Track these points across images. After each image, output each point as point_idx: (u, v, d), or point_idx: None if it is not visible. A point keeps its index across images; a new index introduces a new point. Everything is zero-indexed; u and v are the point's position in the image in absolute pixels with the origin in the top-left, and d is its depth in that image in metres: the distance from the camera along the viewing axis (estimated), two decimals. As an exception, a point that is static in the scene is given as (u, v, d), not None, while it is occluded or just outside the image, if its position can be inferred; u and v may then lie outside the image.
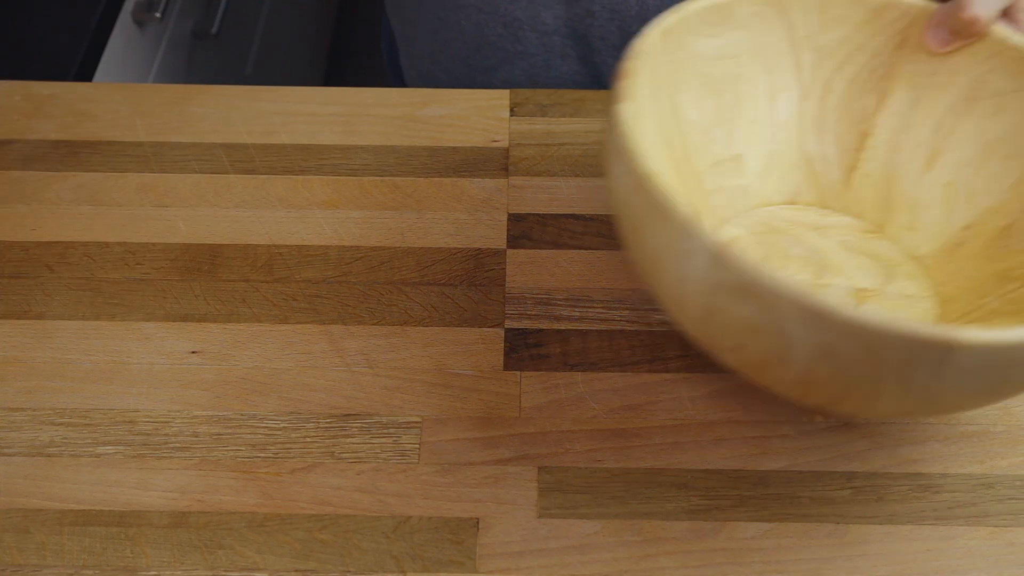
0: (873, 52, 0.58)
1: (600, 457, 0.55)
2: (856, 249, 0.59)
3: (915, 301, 0.56)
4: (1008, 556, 0.52)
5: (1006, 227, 0.55)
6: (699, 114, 0.59)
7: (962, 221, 0.57)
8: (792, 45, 0.59)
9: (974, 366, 0.42)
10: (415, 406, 0.58)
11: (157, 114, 0.73)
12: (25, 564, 0.51)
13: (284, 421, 0.57)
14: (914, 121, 0.59)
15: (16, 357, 0.60)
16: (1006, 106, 0.55)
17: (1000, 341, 0.41)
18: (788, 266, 0.58)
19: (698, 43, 0.57)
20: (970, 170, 0.57)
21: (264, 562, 0.52)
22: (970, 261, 0.56)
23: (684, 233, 0.44)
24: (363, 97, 0.74)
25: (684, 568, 0.52)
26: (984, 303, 0.54)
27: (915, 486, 0.54)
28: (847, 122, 0.60)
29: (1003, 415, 0.57)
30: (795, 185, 0.61)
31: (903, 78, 0.58)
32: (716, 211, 0.60)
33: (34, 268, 0.64)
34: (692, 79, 0.58)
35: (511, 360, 0.60)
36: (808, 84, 0.60)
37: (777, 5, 0.58)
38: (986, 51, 0.55)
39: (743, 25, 0.58)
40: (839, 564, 0.52)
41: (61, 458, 0.55)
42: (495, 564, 0.52)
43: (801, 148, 0.61)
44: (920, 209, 0.59)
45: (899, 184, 0.59)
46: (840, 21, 0.58)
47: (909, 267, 0.58)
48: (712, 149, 0.60)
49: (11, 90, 0.75)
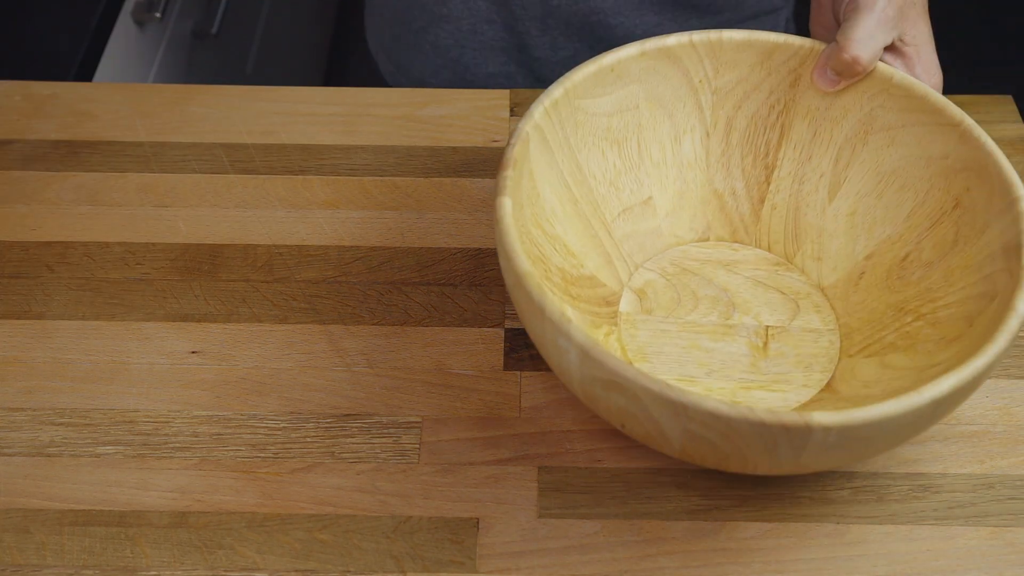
0: (770, 90, 0.60)
1: (600, 457, 0.55)
2: (765, 284, 0.61)
3: (820, 335, 0.59)
4: (1008, 556, 0.52)
5: (904, 257, 0.57)
6: (604, 167, 0.61)
7: (864, 251, 0.59)
8: (690, 88, 0.61)
9: (833, 441, 0.44)
10: (415, 406, 0.58)
11: (157, 114, 0.73)
12: (25, 564, 0.51)
13: (284, 421, 0.57)
14: (815, 152, 0.61)
15: (16, 357, 0.60)
16: (897, 139, 0.57)
17: (849, 422, 0.43)
18: (698, 307, 0.60)
19: (592, 104, 0.59)
20: (870, 200, 0.59)
21: (264, 562, 0.52)
22: (871, 292, 0.58)
23: (557, 331, 0.47)
24: (363, 97, 0.74)
25: (684, 568, 0.52)
26: (882, 336, 0.56)
27: (915, 486, 0.54)
28: (752, 156, 0.62)
29: (1003, 415, 0.57)
30: (706, 221, 0.63)
31: (801, 112, 0.60)
32: (629, 257, 0.62)
33: (34, 268, 0.64)
34: (592, 136, 0.60)
35: (511, 360, 0.60)
36: (710, 123, 0.62)
37: (667, 57, 0.59)
38: (873, 88, 0.57)
39: (637, 79, 0.60)
40: (839, 564, 0.52)
41: (61, 458, 0.55)
42: (495, 564, 0.52)
43: (711, 184, 0.63)
44: (826, 239, 0.61)
45: (805, 215, 0.62)
46: (733, 65, 0.60)
47: (816, 299, 0.60)
48: (621, 197, 0.62)
49: (11, 90, 0.75)
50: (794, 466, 0.48)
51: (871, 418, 0.43)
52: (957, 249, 0.54)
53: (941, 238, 0.55)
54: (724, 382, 0.57)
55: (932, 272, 0.55)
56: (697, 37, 0.59)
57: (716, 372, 0.57)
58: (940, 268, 0.55)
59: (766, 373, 0.57)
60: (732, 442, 0.45)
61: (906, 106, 0.56)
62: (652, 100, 0.61)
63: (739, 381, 0.57)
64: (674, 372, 0.57)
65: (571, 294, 0.58)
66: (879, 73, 0.57)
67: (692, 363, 0.58)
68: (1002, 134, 0.71)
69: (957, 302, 0.53)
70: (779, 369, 0.57)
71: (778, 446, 0.45)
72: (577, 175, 0.60)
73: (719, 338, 0.59)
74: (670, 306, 0.60)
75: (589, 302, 0.59)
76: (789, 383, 0.57)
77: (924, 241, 0.56)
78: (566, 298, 0.57)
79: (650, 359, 0.58)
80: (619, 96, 0.60)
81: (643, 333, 0.59)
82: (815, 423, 0.43)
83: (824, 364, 0.57)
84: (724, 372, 0.57)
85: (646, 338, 0.59)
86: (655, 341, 0.59)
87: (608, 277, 0.61)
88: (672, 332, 0.59)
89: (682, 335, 0.59)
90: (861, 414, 0.43)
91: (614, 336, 0.59)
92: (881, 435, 0.45)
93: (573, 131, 0.59)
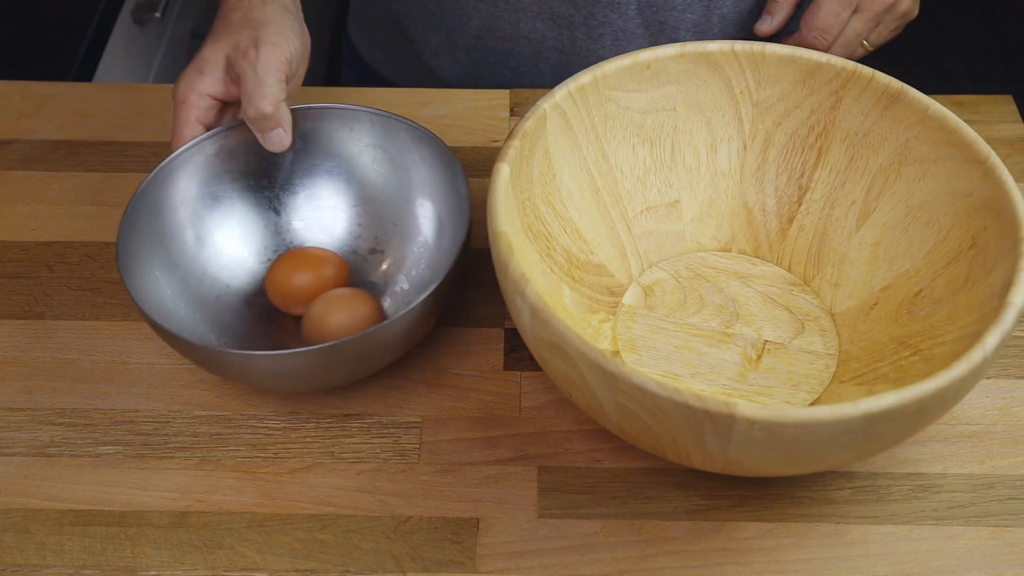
0: (811, 109, 0.60)
1: (600, 457, 0.55)
2: (776, 301, 0.61)
3: (817, 358, 0.58)
4: (1008, 556, 0.52)
5: (917, 292, 0.56)
6: (633, 162, 0.61)
7: (882, 282, 0.58)
8: (731, 98, 0.60)
9: (759, 436, 0.44)
10: (415, 406, 0.58)
11: (157, 114, 0.73)
12: (25, 564, 0.51)
13: (284, 421, 0.57)
14: (849, 178, 0.60)
15: (16, 357, 0.60)
16: (929, 173, 0.57)
17: (775, 418, 0.43)
18: (702, 312, 0.60)
19: (625, 97, 0.59)
20: (896, 232, 0.58)
21: (264, 562, 0.52)
22: (879, 323, 0.57)
23: (515, 289, 0.48)
24: (363, 97, 0.74)
25: (684, 568, 0.52)
26: (878, 367, 0.55)
27: (915, 486, 0.54)
28: (787, 175, 0.62)
29: (1003, 415, 0.57)
30: (732, 233, 0.63)
31: (839, 136, 0.60)
32: (644, 254, 0.62)
33: (34, 268, 0.64)
34: (623, 130, 0.60)
35: (511, 360, 0.60)
36: (749, 135, 0.62)
37: (708, 63, 0.59)
38: (911, 117, 0.57)
39: (675, 80, 0.59)
40: (839, 564, 0.52)
41: (61, 458, 0.55)
42: (495, 564, 0.52)
43: (742, 197, 0.63)
44: (847, 266, 0.60)
45: (831, 240, 0.61)
46: (775, 79, 0.59)
47: (823, 323, 0.59)
48: (647, 195, 0.62)
49: (11, 90, 0.75)
50: (724, 460, 0.47)
51: (798, 419, 0.43)
52: (966, 288, 0.53)
53: (954, 276, 0.54)
54: (706, 385, 0.56)
55: (939, 310, 0.54)
56: (739, 46, 0.58)
57: (701, 375, 0.57)
58: (947, 306, 0.54)
59: (751, 384, 0.57)
60: (661, 422, 0.45)
61: (939, 139, 0.55)
62: (690, 104, 0.60)
63: (722, 387, 0.56)
64: (659, 367, 0.57)
65: (573, 276, 0.58)
66: (915, 103, 0.56)
67: (680, 362, 0.58)
68: (1002, 134, 0.71)
69: (952, 340, 0.52)
70: (766, 383, 0.57)
71: (703, 432, 0.45)
72: (603, 165, 0.60)
73: (714, 344, 0.58)
74: (674, 306, 0.60)
75: (592, 288, 0.59)
76: (772, 397, 0.56)
77: (938, 278, 0.55)
78: (566, 279, 0.57)
79: (639, 351, 0.58)
80: (656, 95, 0.60)
81: (639, 327, 0.59)
82: (739, 413, 0.43)
83: (813, 385, 0.56)
84: (709, 376, 0.57)
85: (641, 332, 0.59)
86: (649, 336, 0.59)
87: (618, 269, 0.61)
88: (668, 330, 0.59)
89: (678, 335, 0.59)
90: (789, 412, 0.43)
91: (609, 324, 0.59)
92: (811, 439, 0.44)
93: (602, 121, 0.59)
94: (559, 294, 0.56)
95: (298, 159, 0.62)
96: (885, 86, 0.57)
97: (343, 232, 0.63)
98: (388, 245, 0.62)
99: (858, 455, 0.49)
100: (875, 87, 0.57)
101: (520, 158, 0.54)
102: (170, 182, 0.58)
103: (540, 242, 0.56)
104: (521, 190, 0.55)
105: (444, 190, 0.60)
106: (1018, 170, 0.69)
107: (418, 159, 0.61)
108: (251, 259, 0.61)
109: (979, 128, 0.71)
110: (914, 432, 0.48)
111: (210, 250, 0.60)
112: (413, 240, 0.62)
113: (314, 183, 0.62)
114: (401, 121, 0.60)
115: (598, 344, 0.57)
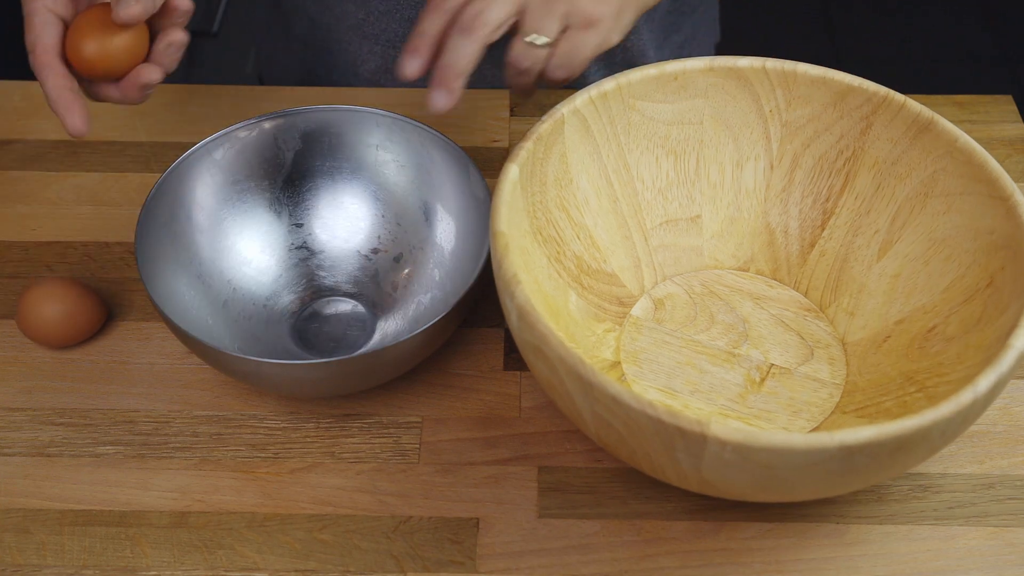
0: (841, 133, 0.59)
1: (600, 457, 0.55)
2: (788, 325, 0.60)
3: (822, 386, 0.57)
4: (1008, 556, 0.52)
5: (930, 328, 0.55)
6: (656, 174, 0.61)
7: (898, 315, 0.57)
8: (760, 116, 0.60)
9: (731, 458, 0.44)
10: (415, 406, 0.58)
11: (157, 114, 0.73)
12: (25, 564, 0.51)
13: (284, 421, 0.57)
14: (874, 207, 0.59)
15: (16, 357, 0.60)
16: (954, 207, 0.56)
17: (747, 441, 0.43)
18: (711, 329, 0.59)
19: (651, 108, 0.59)
20: (917, 265, 0.57)
21: (264, 562, 0.52)
22: (890, 356, 0.56)
23: (505, 290, 0.48)
24: (363, 97, 0.74)
25: (684, 568, 0.52)
26: (882, 401, 0.54)
27: (915, 486, 0.54)
28: (813, 198, 0.61)
29: (1003, 415, 0.57)
30: (751, 253, 0.62)
31: (868, 163, 0.59)
32: (659, 267, 0.61)
33: (34, 268, 0.64)
34: (646, 140, 0.60)
35: (511, 360, 0.60)
36: (776, 155, 0.61)
37: (737, 78, 0.58)
38: (940, 148, 0.56)
39: (703, 94, 0.59)
40: (839, 564, 0.52)
41: (61, 458, 0.55)
42: (495, 564, 0.52)
43: (765, 217, 0.62)
44: (864, 296, 0.59)
45: (851, 268, 0.60)
46: (806, 100, 0.59)
47: (834, 351, 0.58)
48: (668, 208, 0.61)
49: (11, 90, 0.75)
50: (698, 480, 0.46)
51: (771, 444, 0.42)
52: (978, 328, 0.52)
53: (969, 315, 0.53)
54: (704, 404, 0.56)
55: (950, 347, 0.53)
56: (770, 64, 0.58)
57: (701, 393, 0.56)
58: (958, 344, 0.53)
59: (751, 407, 0.56)
60: (635, 435, 0.45)
61: (966, 172, 0.54)
62: (718, 119, 0.60)
63: (720, 407, 0.56)
64: (659, 382, 0.57)
65: (582, 283, 0.58)
66: (944, 133, 0.55)
67: (681, 378, 0.57)
68: (1002, 134, 0.71)
69: (957, 379, 0.51)
70: (766, 407, 0.56)
71: (676, 449, 0.44)
72: (623, 174, 0.59)
73: (719, 363, 0.58)
74: (683, 321, 0.59)
75: (600, 296, 0.59)
76: (770, 422, 0.55)
77: (953, 315, 0.54)
78: (574, 285, 0.57)
79: (640, 364, 0.57)
80: (683, 107, 0.59)
81: (644, 339, 0.59)
82: (711, 433, 0.42)
83: (814, 414, 0.56)
84: (709, 395, 0.56)
85: (645, 344, 0.58)
86: (653, 349, 0.58)
87: (630, 280, 0.60)
88: (674, 345, 0.58)
89: (683, 351, 0.58)
90: (762, 436, 0.42)
91: (614, 334, 0.58)
92: (784, 466, 0.44)
93: (625, 129, 0.58)
94: (564, 299, 0.56)
95: (313, 159, 0.63)
96: (916, 114, 0.56)
97: (362, 236, 0.64)
98: (404, 248, 0.62)
99: (839, 487, 0.48)
100: (906, 114, 0.56)
101: (533, 161, 0.54)
102: (185, 182, 0.60)
103: (550, 246, 0.56)
104: (533, 193, 0.55)
105: (461, 195, 0.60)
106: (1018, 170, 0.69)
107: (437, 162, 0.61)
108: (268, 260, 0.62)
109: (979, 128, 0.71)
110: (901, 469, 0.47)
111: (225, 250, 0.61)
112: (431, 245, 0.61)
113: (333, 185, 0.64)
114: (427, 130, 0.61)
115: (600, 353, 0.57)
